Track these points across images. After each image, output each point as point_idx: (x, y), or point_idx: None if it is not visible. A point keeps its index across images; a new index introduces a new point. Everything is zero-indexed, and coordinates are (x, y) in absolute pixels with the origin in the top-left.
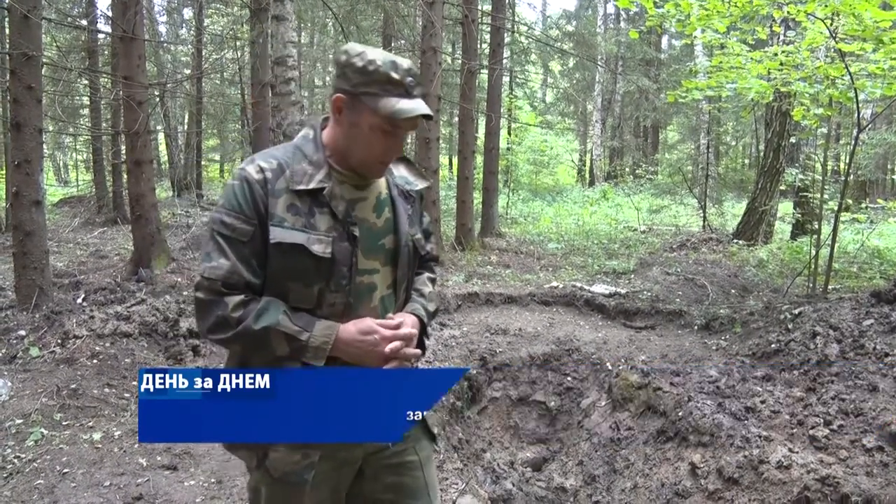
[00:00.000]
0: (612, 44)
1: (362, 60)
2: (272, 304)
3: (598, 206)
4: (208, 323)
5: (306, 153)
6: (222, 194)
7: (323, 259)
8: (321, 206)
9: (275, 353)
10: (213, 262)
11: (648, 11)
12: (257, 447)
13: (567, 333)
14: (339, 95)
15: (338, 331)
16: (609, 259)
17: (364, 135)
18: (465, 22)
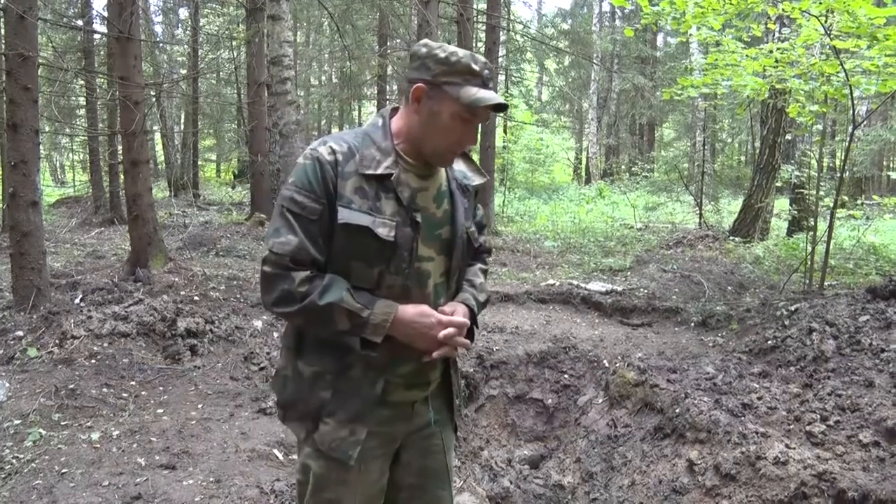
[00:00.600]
0: (607, 42)
1: (444, 52)
2: (336, 281)
3: (594, 203)
4: (273, 296)
5: (375, 140)
6: (293, 172)
7: (386, 242)
8: (387, 191)
9: (336, 327)
10: (281, 238)
11: (644, 9)
12: (308, 417)
13: (564, 331)
14: (421, 85)
15: (397, 310)
16: (605, 257)
17: (443, 123)
18: (460, 21)
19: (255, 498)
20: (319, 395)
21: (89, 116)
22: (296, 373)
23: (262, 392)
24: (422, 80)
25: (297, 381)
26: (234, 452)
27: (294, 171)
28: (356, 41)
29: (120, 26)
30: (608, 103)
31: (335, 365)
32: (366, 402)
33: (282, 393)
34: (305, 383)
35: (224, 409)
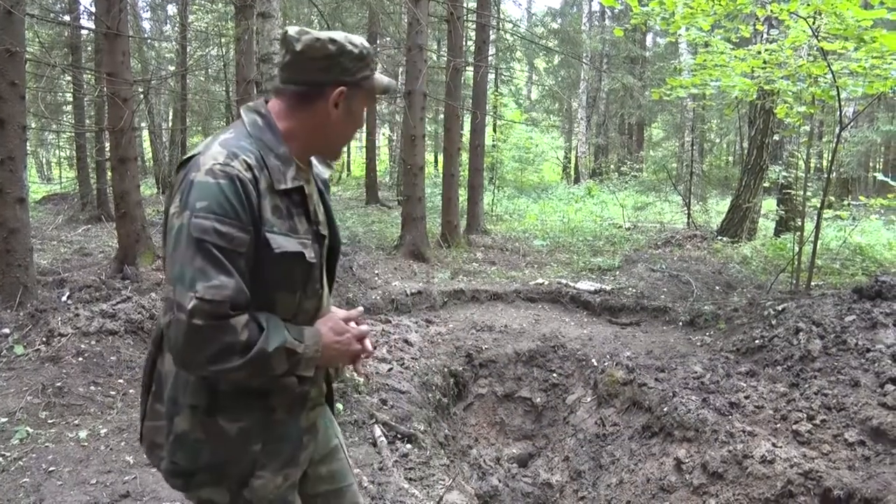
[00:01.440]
0: (597, 41)
1: (354, 47)
2: (272, 319)
3: (583, 203)
4: (209, 352)
5: (270, 146)
6: (198, 194)
7: (308, 264)
8: (296, 206)
9: (275, 371)
10: (213, 281)
11: (633, 9)
12: (234, 479)
13: (552, 330)
14: (343, 88)
15: (322, 335)
16: (594, 256)
17: (357, 118)
18: (450, 19)
19: None
20: (251, 451)
21: (76, 113)
22: (214, 434)
23: None
24: (341, 82)
25: (218, 443)
26: None
27: (200, 192)
28: None
29: (108, 22)
30: (597, 103)
31: (261, 413)
32: (295, 443)
33: (193, 460)
34: (233, 442)
35: None
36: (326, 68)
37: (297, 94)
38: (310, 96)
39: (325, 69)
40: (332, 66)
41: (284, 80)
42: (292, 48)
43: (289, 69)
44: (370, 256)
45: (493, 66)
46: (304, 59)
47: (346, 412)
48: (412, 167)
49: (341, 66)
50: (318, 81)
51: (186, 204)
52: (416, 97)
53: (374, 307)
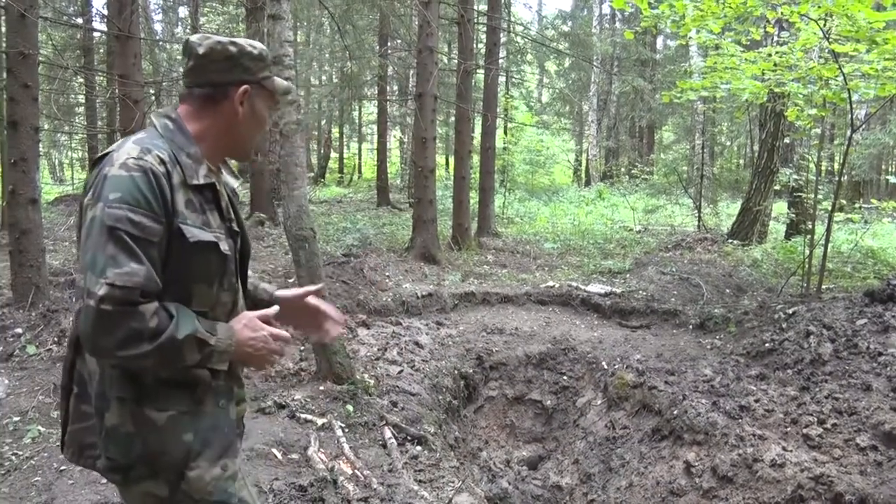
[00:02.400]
0: (607, 44)
1: (253, 48)
2: (182, 309)
3: (593, 205)
4: (117, 337)
5: (181, 145)
6: (113, 186)
7: (223, 256)
8: (208, 202)
9: (185, 362)
10: (124, 267)
11: (643, 12)
12: (171, 469)
13: (563, 333)
14: (247, 87)
15: (235, 331)
16: (605, 259)
17: (262, 118)
18: (461, 22)
19: None
20: (183, 440)
21: (88, 114)
22: (144, 424)
23: (260, 391)
24: (244, 82)
25: (148, 434)
26: None
27: (113, 184)
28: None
29: (120, 24)
30: (608, 105)
31: (189, 402)
32: (228, 433)
33: (126, 453)
34: (163, 432)
35: None
36: (229, 69)
37: (202, 96)
38: (215, 97)
39: (228, 70)
40: (233, 67)
41: (190, 84)
42: (195, 52)
43: (193, 73)
44: (381, 258)
45: (504, 68)
46: (207, 61)
47: (357, 414)
48: (423, 169)
49: (242, 66)
50: (222, 82)
51: (100, 196)
52: (426, 100)
53: (385, 309)
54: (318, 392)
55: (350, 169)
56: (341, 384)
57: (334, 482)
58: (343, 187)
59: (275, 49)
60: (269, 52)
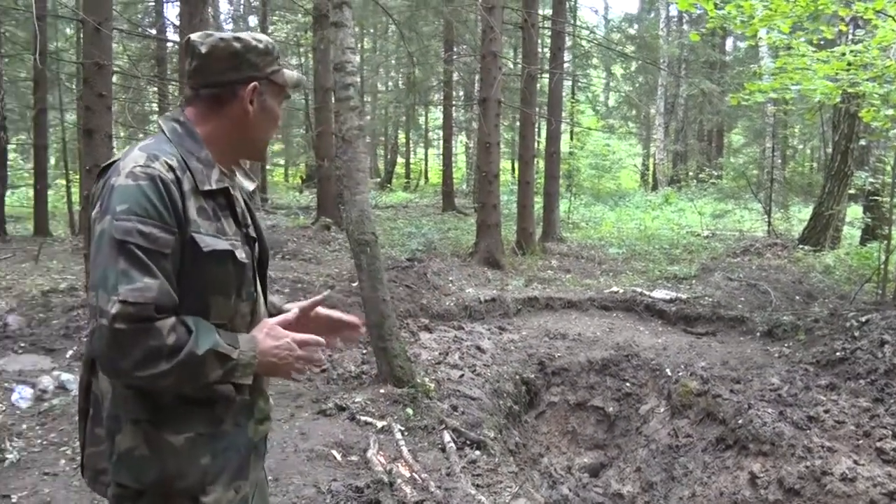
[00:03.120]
0: (674, 46)
1: (259, 42)
2: (201, 323)
3: (660, 210)
4: (134, 358)
5: (191, 150)
6: (120, 197)
7: (240, 264)
8: (222, 208)
9: (208, 378)
10: (136, 283)
11: (709, 13)
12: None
13: (626, 339)
14: (255, 84)
15: (258, 341)
16: (671, 264)
17: (274, 114)
18: (524, 26)
19: (311, 497)
20: (200, 464)
21: None
22: (161, 447)
23: (322, 393)
24: (252, 79)
25: (165, 457)
26: (293, 452)
27: (120, 195)
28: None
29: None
30: (676, 109)
31: (208, 423)
32: (244, 454)
33: (139, 478)
34: (181, 455)
35: (285, 409)
36: (235, 67)
37: (209, 97)
38: (223, 98)
39: (234, 67)
40: (240, 64)
41: (195, 85)
42: (198, 52)
43: (198, 74)
44: (445, 263)
45: (570, 72)
46: (212, 60)
47: (416, 417)
48: (487, 174)
49: (249, 62)
50: (228, 81)
51: (107, 209)
52: (490, 104)
53: (448, 314)
54: (379, 395)
55: (416, 174)
56: (402, 387)
57: (391, 484)
58: (409, 192)
59: (337, 56)
60: (275, 45)
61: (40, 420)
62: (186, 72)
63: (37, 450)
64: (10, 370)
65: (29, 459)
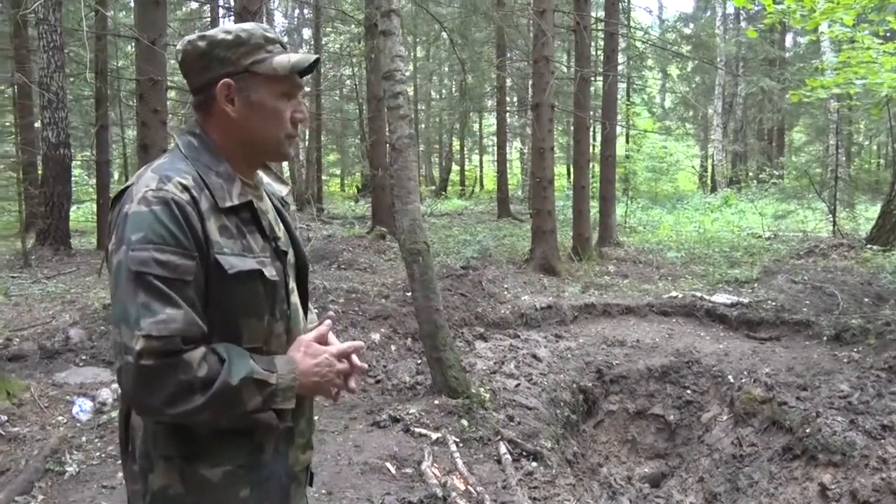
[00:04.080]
0: (732, 44)
1: (226, 34)
2: (233, 349)
3: (720, 212)
4: (164, 394)
5: (208, 164)
6: (136, 225)
7: (270, 283)
8: (246, 223)
9: (246, 407)
10: (159, 316)
11: (767, 9)
12: None
13: (686, 345)
14: (225, 81)
15: (296, 361)
16: (731, 267)
17: (270, 108)
18: (577, 29)
19: None
20: (239, 497)
21: None
22: (196, 484)
23: (376, 405)
24: (225, 75)
25: (201, 494)
26: (347, 465)
27: (134, 223)
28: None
29: None
30: (734, 108)
31: (247, 453)
32: (285, 483)
33: None
34: (218, 490)
35: (339, 421)
36: (205, 67)
37: (198, 104)
38: (207, 103)
39: (205, 68)
40: (209, 63)
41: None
42: (178, 60)
43: (187, 83)
44: (500, 270)
45: (625, 74)
46: (187, 67)
47: (471, 428)
48: (541, 180)
49: (218, 58)
50: (205, 84)
51: (122, 238)
52: (543, 109)
53: (504, 322)
54: (433, 406)
55: (471, 181)
56: (456, 398)
57: (445, 499)
58: (464, 199)
59: (386, 65)
60: (256, 31)
61: (99, 433)
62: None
63: (96, 462)
64: (71, 382)
65: (88, 472)
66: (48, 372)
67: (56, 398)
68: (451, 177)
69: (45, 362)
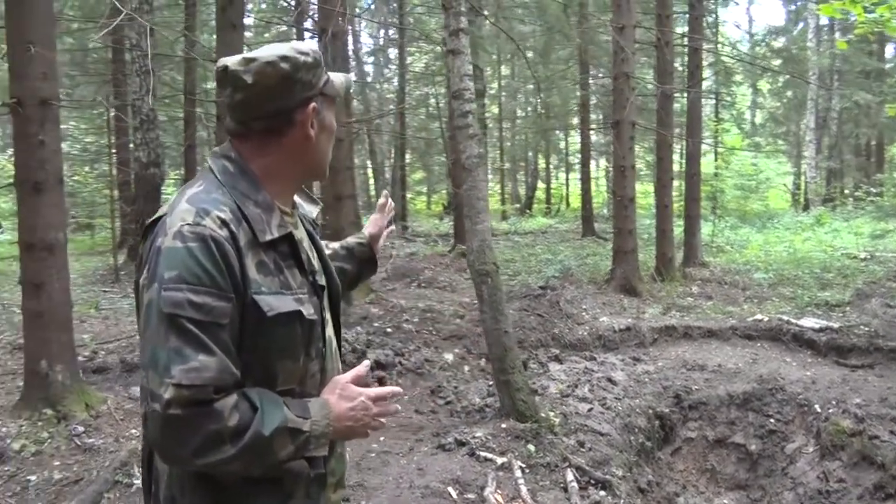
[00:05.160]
0: (825, 57)
1: (306, 56)
2: (266, 396)
3: (812, 231)
4: (194, 445)
5: (246, 193)
6: (170, 262)
7: (308, 322)
8: (284, 257)
9: (278, 457)
10: (191, 363)
11: (858, 18)
12: None
13: (771, 371)
14: (314, 105)
15: (331, 406)
16: (822, 290)
17: (333, 129)
18: (658, 45)
19: None
20: None
21: None
22: None
23: (443, 427)
24: (309, 99)
25: None
26: (408, 488)
27: (168, 259)
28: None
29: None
30: (828, 123)
31: (274, 502)
32: None
33: None
34: None
35: (405, 442)
36: (288, 91)
37: (263, 130)
38: (279, 128)
39: (288, 92)
40: (293, 86)
41: (242, 120)
42: (242, 83)
43: (245, 106)
44: (579, 291)
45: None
46: (261, 89)
47: (539, 454)
48: (622, 199)
49: (302, 81)
50: (283, 109)
51: (154, 275)
52: (623, 127)
53: (581, 343)
54: (500, 430)
55: (557, 199)
56: (524, 422)
57: None
58: (549, 217)
59: (455, 84)
60: (318, 50)
61: None
62: (227, 104)
63: None
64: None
65: None
66: (126, 385)
67: (131, 411)
68: (536, 194)
69: (125, 375)
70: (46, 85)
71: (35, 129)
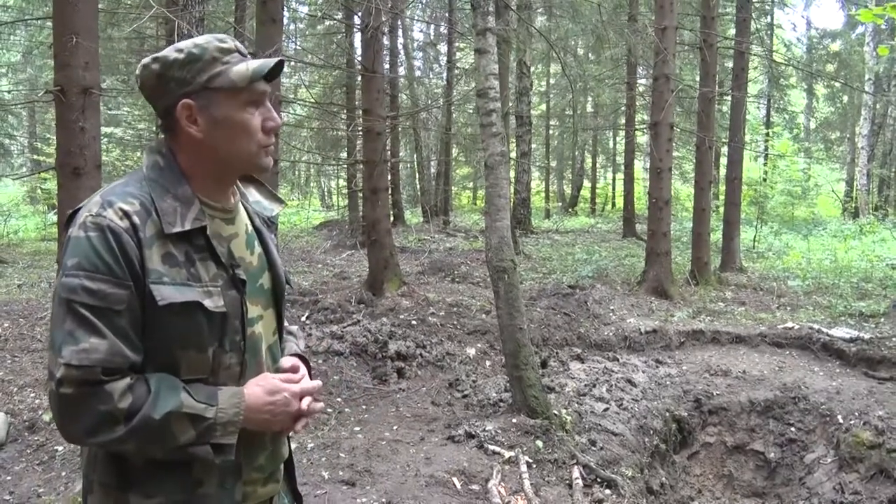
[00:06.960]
0: (883, 62)
1: (181, 52)
2: (164, 381)
3: (858, 240)
4: (84, 424)
5: (166, 186)
6: (73, 251)
7: (215, 314)
8: (199, 250)
9: (178, 441)
10: (81, 344)
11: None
12: None
13: (796, 379)
14: (186, 102)
15: (245, 396)
16: (859, 300)
17: (237, 122)
18: (702, 47)
19: None
20: None
21: (349, 146)
22: None
23: (457, 419)
24: (184, 96)
25: None
26: (413, 476)
27: (72, 248)
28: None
29: (366, 63)
30: (883, 129)
31: (182, 487)
32: None
33: None
34: None
35: (416, 432)
36: (163, 90)
37: (162, 127)
38: (170, 126)
39: (163, 91)
40: (165, 85)
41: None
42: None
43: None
44: (609, 291)
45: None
46: (146, 91)
47: (546, 450)
48: (657, 201)
49: (174, 79)
50: (166, 107)
51: (62, 263)
52: (662, 128)
53: (605, 343)
54: (511, 424)
55: (602, 198)
56: (535, 418)
57: None
58: (593, 217)
59: (480, 82)
60: (210, 44)
61: None
62: None
63: None
64: None
65: None
66: None
67: None
68: (582, 194)
69: None
70: (88, 74)
71: (76, 116)
